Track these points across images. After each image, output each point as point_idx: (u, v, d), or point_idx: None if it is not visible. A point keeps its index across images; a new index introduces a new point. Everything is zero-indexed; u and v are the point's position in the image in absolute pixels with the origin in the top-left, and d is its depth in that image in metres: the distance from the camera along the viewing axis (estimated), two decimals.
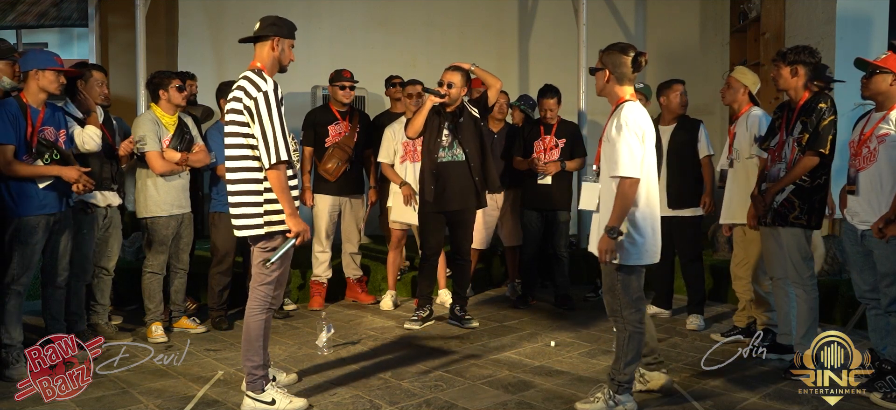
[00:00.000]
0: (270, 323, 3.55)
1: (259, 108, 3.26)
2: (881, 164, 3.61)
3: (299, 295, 5.91)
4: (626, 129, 3.26)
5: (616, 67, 3.37)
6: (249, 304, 3.45)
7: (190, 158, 4.79)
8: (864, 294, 3.82)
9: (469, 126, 4.99)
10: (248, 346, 3.44)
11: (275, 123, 3.26)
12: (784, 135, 4.03)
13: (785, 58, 3.99)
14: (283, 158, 3.26)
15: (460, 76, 4.93)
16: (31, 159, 3.94)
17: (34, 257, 3.99)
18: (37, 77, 3.95)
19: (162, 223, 4.75)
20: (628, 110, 3.32)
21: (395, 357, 4.41)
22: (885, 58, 3.66)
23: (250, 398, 3.44)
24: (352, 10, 8.07)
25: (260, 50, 3.42)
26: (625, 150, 3.24)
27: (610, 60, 3.39)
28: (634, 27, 8.38)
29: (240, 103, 3.31)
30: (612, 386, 3.43)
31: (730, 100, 4.69)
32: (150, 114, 4.78)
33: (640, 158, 3.27)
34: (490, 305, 5.84)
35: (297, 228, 3.32)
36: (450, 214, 5.07)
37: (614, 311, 3.44)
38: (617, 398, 3.41)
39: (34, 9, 8.86)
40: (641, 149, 3.28)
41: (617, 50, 3.40)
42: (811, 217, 3.94)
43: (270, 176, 3.28)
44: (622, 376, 3.42)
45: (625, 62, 3.35)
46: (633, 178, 3.25)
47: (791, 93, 4.02)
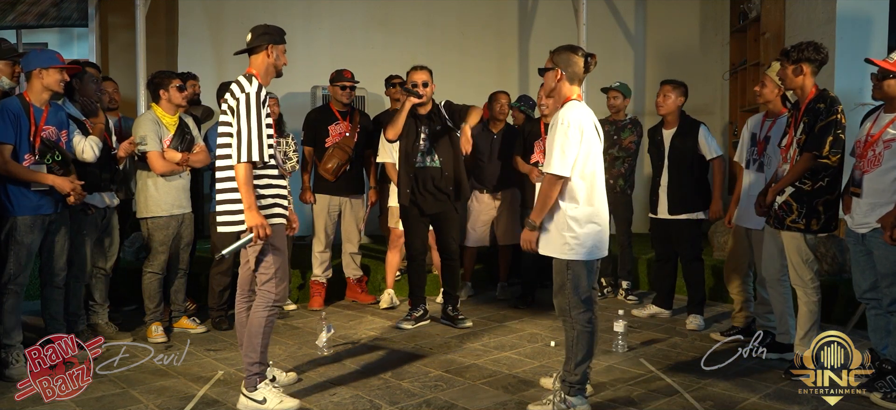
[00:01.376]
0: (274, 323, 3.57)
1: (239, 107, 3.36)
2: (886, 169, 3.57)
3: (299, 295, 5.91)
4: (562, 127, 3.32)
5: (567, 67, 3.43)
6: (256, 301, 3.53)
7: (191, 158, 4.79)
8: (864, 294, 3.81)
9: (444, 135, 5.04)
10: (248, 342, 3.49)
11: (252, 123, 3.34)
12: (792, 136, 3.96)
13: (788, 56, 3.90)
14: (253, 158, 3.33)
15: (429, 74, 5.01)
16: (34, 158, 3.94)
17: (30, 257, 3.99)
18: (40, 76, 3.96)
19: (162, 223, 4.76)
20: (569, 108, 3.38)
21: (395, 358, 4.41)
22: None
23: (244, 395, 3.49)
24: (352, 10, 8.07)
25: (255, 59, 3.51)
26: (556, 148, 3.31)
27: (562, 60, 3.45)
28: (634, 27, 8.38)
29: (226, 104, 3.45)
30: (563, 388, 3.44)
31: (764, 99, 4.46)
32: (150, 114, 4.79)
33: (573, 157, 3.31)
34: (490, 305, 5.84)
35: (252, 222, 3.35)
36: (431, 216, 5.11)
37: (563, 310, 3.46)
38: (568, 400, 3.42)
39: (34, 9, 8.85)
40: (577, 148, 3.32)
41: (568, 50, 3.47)
42: (810, 221, 3.87)
43: (237, 169, 3.35)
44: (573, 377, 3.43)
45: (577, 62, 3.44)
46: (559, 177, 3.31)
47: (797, 92, 3.94)
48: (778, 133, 4.30)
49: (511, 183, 5.89)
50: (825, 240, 5.44)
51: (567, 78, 3.43)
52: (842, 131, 3.78)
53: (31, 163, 3.94)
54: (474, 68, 7.76)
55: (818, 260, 5.35)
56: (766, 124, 4.50)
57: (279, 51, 3.51)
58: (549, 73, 3.48)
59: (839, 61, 5.81)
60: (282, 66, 3.55)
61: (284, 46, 3.56)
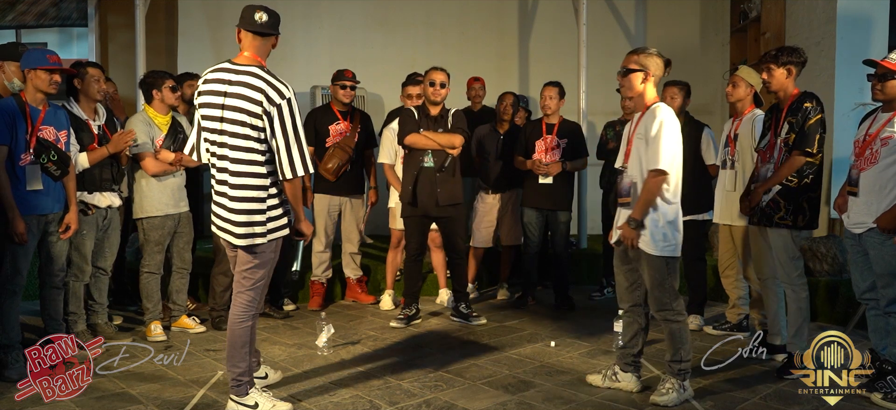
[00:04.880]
0: (256, 328, 3.52)
1: (282, 117, 3.16)
2: (882, 167, 3.59)
3: (299, 295, 5.91)
4: (666, 127, 3.45)
5: (656, 70, 3.57)
6: (233, 311, 3.38)
7: (184, 158, 4.77)
8: (863, 294, 3.81)
9: None
10: (232, 352, 3.37)
11: (300, 134, 3.20)
12: (773, 137, 4.03)
13: (778, 59, 3.97)
14: (300, 173, 3.21)
15: (447, 76, 5.08)
16: (30, 158, 3.93)
17: (27, 257, 3.99)
18: (31, 76, 3.95)
19: (157, 223, 4.75)
20: (667, 110, 3.53)
21: (395, 358, 4.41)
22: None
23: (234, 401, 3.40)
24: (352, 10, 8.07)
25: (263, 44, 3.29)
26: (664, 146, 3.43)
27: (650, 63, 3.56)
28: (634, 27, 8.37)
29: (259, 107, 3.16)
30: (679, 377, 3.58)
31: (735, 98, 4.63)
32: (141, 114, 4.78)
33: (672, 156, 3.46)
34: (490, 305, 5.83)
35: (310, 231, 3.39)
36: (435, 217, 5.13)
37: (664, 305, 3.57)
38: (684, 385, 3.60)
39: (34, 9, 8.85)
40: (677, 148, 3.48)
41: (655, 54, 3.59)
42: (797, 217, 3.92)
43: (291, 185, 3.24)
44: (684, 364, 3.59)
45: (661, 66, 3.58)
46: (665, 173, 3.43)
47: (780, 93, 4.02)
48: (746, 130, 4.51)
49: (514, 183, 5.89)
50: (825, 240, 5.45)
51: (653, 81, 3.58)
52: (825, 131, 3.89)
53: (27, 163, 3.93)
54: (474, 68, 7.74)
55: (818, 260, 5.39)
56: (734, 123, 4.67)
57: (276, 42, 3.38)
58: (634, 75, 3.57)
59: (839, 61, 5.81)
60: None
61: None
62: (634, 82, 3.57)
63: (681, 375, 3.58)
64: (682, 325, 3.58)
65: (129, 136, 4.54)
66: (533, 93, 7.58)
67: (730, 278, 4.92)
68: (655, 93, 3.60)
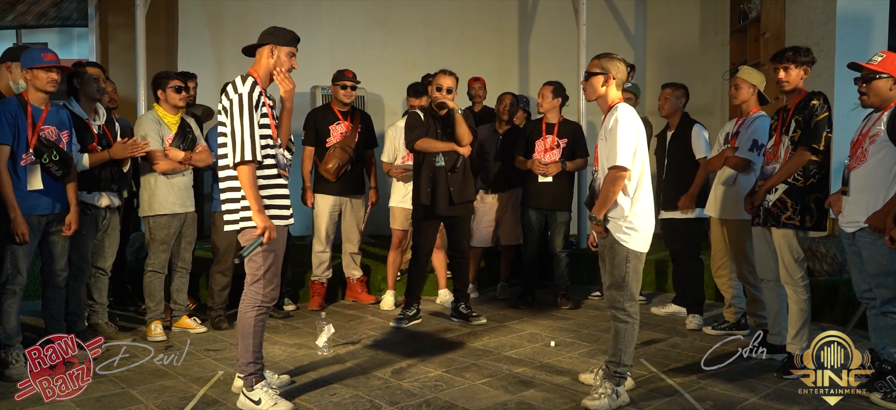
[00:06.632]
0: (265, 322, 3.57)
1: (232, 108, 3.37)
2: (870, 164, 3.59)
3: (299, 295, 5.91)
4: (622, 123, 3.46)
5: (617, 73, 3.59)
6: (242, 302, 3.53)
7: (193, 158, 4.79)
8: (863, 293, 3.81)
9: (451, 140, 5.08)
10: (238, 340, 3.53)
11: (245, 123, 3.34)
12: (780, 136, 4.03)
13: (796, 60, 3.97)
14: (246, 158, 3.32)
15: (455, 81, 5.07)
16: (31, 157, 3.94)
17: (28, 257, 3.99)
18: (30, 77, 3.95)
19: (164, 221, 4.76)
20: (625, 108, 3.55)
21: (395, 358, 4.41)
22: (882, 60, 3.58)
23: (243, 394, 3.51)
24: (352, 10, 8.07)
25: (258, 56, 3.51)
26: (621, 142, 3.43)
27: (611, 66, 3.59)
28: (634, 27, 8.38)
29: (221, 105, 3.46)
30: (613, 380, 3.54)
31: (740, 101, 4.61)
32: (152, 113, 4.80)
33: (632, 151, 3.46)
34: (490, 305, 5.84)
35: (263, 224, 3.36)
36: (444, 217, 5.12)
37: (618, 304, 3.55)
38: (618, 390, 3.54)
39: (34, 9, 8.85)
40: (635, 144, 3.47)
41: (616, 58, 3.63)
42: (804, 217, 3.91)
43: (239, 172, 3.37)
44: (623, 368, 3.56)
45: (622, 69, 3.61)
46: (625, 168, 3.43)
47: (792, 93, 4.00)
48: (747, 129, 4.51)
49: (513, 183, 5.89)
50: (825, 240, 5.46)
51: (615, 83, 3.60)
52: (831, 130, 3.90)
53: (28, 162, 3.94)
54: (474, 68, 7.75)
55: (818, 260, 5.40)
56: (737, 123, 4.70)
57: (283, 52, 3.47)
58: (596, 78, 3.60)
59: (839, 61, 5.80)
60: (286, 69, 3.50)
61: (292, 49, 3.51)
62: (596, 85, 3.61)
63: (615, 379, 3.54)
64: (630, 327, 3.55)
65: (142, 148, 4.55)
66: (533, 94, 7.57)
67: (722, 278, 4.95)
68: (619, 94, 3.61)
